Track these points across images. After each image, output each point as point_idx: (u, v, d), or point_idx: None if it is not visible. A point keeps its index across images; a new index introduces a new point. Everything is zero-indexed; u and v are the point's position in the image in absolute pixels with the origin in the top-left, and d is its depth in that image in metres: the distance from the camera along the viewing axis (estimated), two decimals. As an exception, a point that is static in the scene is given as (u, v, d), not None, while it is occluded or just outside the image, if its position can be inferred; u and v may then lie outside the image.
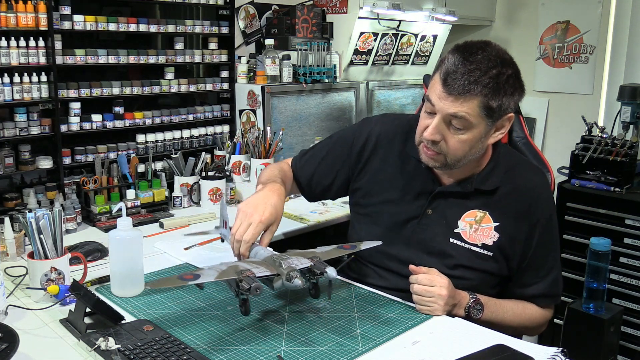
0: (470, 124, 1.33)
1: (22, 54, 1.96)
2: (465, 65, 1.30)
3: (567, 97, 3.34)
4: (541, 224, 1.47)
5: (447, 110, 1.32)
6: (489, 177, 1.48)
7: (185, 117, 2.49)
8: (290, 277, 1.19)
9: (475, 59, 1.31)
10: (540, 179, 1.52)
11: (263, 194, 1.50)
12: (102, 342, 1.17)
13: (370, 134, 1.63)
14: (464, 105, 1.31)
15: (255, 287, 1.19)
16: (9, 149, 1.99)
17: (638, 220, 2.42)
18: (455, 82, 1.30)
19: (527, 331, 1.56)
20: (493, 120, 1.35)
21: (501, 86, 1.31)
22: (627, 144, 2.49)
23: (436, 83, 1.35)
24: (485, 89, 1.30)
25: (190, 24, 2.43)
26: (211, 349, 1.21)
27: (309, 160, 1.72)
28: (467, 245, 1.47)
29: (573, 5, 3.24)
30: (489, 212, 1.47)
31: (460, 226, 1.47)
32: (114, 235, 1.44)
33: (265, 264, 1.29)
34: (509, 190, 1.47)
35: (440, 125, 1.35)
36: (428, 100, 1.37)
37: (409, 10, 2.88)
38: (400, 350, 1.23)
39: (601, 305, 2.12)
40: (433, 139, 1.37)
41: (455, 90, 1.30)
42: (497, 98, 1.31)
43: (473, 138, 1.36)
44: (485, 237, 1.46)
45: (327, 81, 2.73)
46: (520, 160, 1.57)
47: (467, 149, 1.37)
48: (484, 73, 1.30)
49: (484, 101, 1.31)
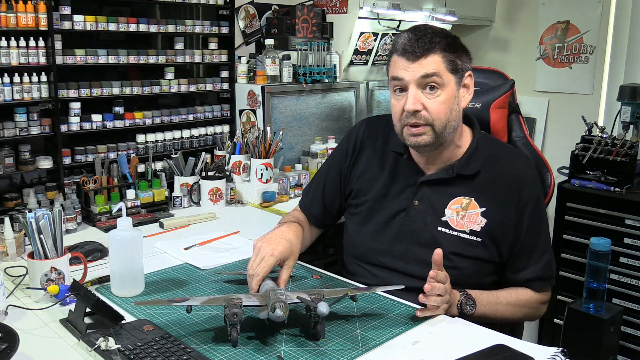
0: (442, 80, 1.42)
1: (22, 54, 1.96)
2: (416, 34, 1.43)
3: (567, 97, 3.34)
4: (529, 207, 1.49)
5: (418, 73, 1.41)
6: (469, 161, 1.52)
7: (185, 117, 2.49)
8: (274, 307, 1.20)
9: (422, 29, 1.44)
10: (524, 164, 1.55)
11: (279, 230, 1.57)
12: (102, 342, 1.17)
13: (356, 139, 1.69)
14: (431, 64, 1.41)
15: (233, 312, 1.19)
16: (9, 149, 1.99)
17: (638, 220, 2.42)
18: (413, 48, 1.41)
19: (526, 318, 1.57)
20: (459, 76, 1.45)
21: (454, 43, 1.44)
22: (627, 144, 2.49)
23: (397, 61, 1.45)
24: (442, 45, 1.41)
25: (190, 24, 2.43)
26: (211, 349, 1.21)
27: (314, 194, 1.76)
28: (456, 232, 1.49)
29: (573, 5, 3.24)
30: (474, 198, 1.50)
31: (448, 214, 1.50)
32: (114, 235, 1.44)
33: (259, 296, 1.30)
34: (493, 175, 1.51)
35: (417, 93, 1.42)
36: (394, 79, 1.46)
37: (409, 10, 2.87)
38: (400, 350, 1.23)
39: (601, 305, 2.12)
40: (415, 109, 1.42)
41: (417, 53, 1.41)
42: (454, 53, 1.43)
43: (448, 97, 1.43)
44: (472, 224, 1.48)
45: (327, 81, 2.73)
46: (502, 145, 1.62)
47: (448, 111, 1.44)
48: (434, 35, 1.42)
49: (445, 55, 1.42)
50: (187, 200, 2.28)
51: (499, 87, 1.84)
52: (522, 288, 1.52)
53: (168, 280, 1.58)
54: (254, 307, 1.28)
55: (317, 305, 1.22)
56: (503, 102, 1.82)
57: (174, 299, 1.32)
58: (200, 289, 1.52)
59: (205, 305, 1.29)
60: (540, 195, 1.54)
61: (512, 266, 1.51)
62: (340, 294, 1.33)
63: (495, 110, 1.81)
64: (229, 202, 2.34)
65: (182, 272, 1.64)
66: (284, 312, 1.20)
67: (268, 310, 1.22)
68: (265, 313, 1.24)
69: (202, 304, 1.27)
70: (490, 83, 1.92)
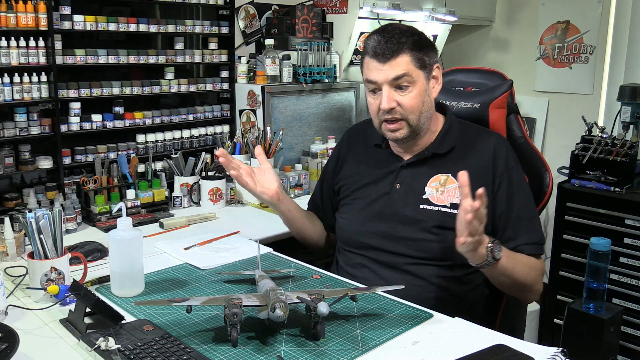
0: (412, 78, 1.52)
1: (22, 54, 1.96)
2: (385, 36, 1.52)
3: (567, 97, 3.34)
4: (506, 176, 1.56)
5: (389, 75, 1.51)
6: (443, 141, 1.63)
7: (185, 117, 2.49)
8: (274, 307, 1.20)
9: (389, 30, 1.54)
10: (496, 138, 1.64)
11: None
12: (102, 342, 1.16)
13: (341, 148, 1.83)
14: (400, 65, 1.51)
15: (233, 312, 1.20)
16: (9, 149, 1.99)
17: (638, 220, 2.42)
18: (383, 50, 1.51)
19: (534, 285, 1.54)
20: (427, 71, 1.55)
21: (420, 41, 1.53)
22: (627, 144, 2.49)
23: (368, 63, 1.55)
24: (409, 44, 1.51)
25: (190, 24, 2.43)
26: (211, 349, 1.21)
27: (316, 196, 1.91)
28: (437, 207, 1.57)
29: (573, 5, 3.24)
30: (451, 174, 1.58)
31: (428, 192, 1.59)
32: (114, 235, 1.44)
33: (259, 296, 1.30)
34: (467, 149, 1.61)
35: (391, 93, 1.53)
36: (369, 82, 1.56)
37: (409, 10, 2.88)
38: (400, 350, 1.23)
39: (601, 305, 2.12)
40: (390, 107, 1.53)
41: (387, 55, 1.50)
42: (422, 50, 1.53)
43: (419, 91, 1.54)
44: (452, 197, 1.56)
45: (327, 81, 2.73)
46: (474, 125, 1.71)
47: (420, 104, 1.55)
48: (401, 35, 1.52)
49: (413, 54, 1.51)
50: (187, 200, 2.28)
51: (498, 87, 1.84)
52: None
53: (168, 280, 1.58)
54: (254, 307, 1.28)
55: (317, 305, 1.22)
56: (501, 102, 1.82)
57: (174, 299, 1.32)
58: (200, 289, 1.52)
59: (205, 305, 1.29)
60: (515, 165, 1.60)
61: (503, 236, 1.54)
62: (340, 294, 1.33)
63: (494, 110, 1.82)
64: (229, 202, 2.34)
65: (182, 272, 1.64)
66: (284, 312, 1.20)
67: (268, 310, 1.22)
68: (265, 313, 1.24)
69: (202, 304, 1.27)
70: (489, 83, 1.92)
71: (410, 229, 1.57)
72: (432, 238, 1.55)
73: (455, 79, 2.01)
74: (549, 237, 2.74)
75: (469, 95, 1.89)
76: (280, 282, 1.54)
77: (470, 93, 1.91)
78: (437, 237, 1.55)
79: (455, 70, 2.07)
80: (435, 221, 1.56)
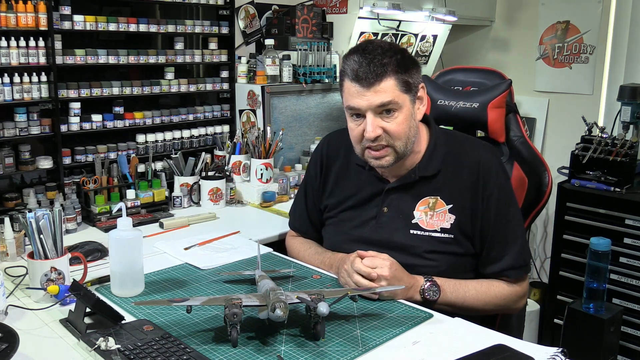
0: (397, 104, 1.43)
1: (22, 54, 1.96)
2: (366, 57, 1.41)
3: (567, 97, 3.34)
4: (495, 196, 1.51)
5: (374, 102, 1.41)
6: (429, 162, 1.55)
7: (185, 117, 2.49)
8: (274, 307, 1.20)
9: (370, 49, 1.42)
10: (484, 152, 1.57)
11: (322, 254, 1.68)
12: (102, 342, 1.17)
13: (321, 160, 1.72)
14: (385, 90, 1.41)
15: (233, 312, 1.20)
16: (9, 149, 1.99)
17: (638, 220, 2.42)
18: (366, 74, 1.40)
19: (500, 309, 1.57)
20: (412, 93, 1.46)
21: (404, 61, 1.43)
22: (627, 144, 2.49)
23: (350, 87, 1.44)
24: (393, 65, 1.40)
25: (190, 24, 2.43)
26: (211, 349, 1.21)
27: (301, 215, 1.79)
28: (427, 232, 1.52)
29: (573, 5, 3.24)
30: (439, 197, 1.53)
31: (417, 216, 1.54)
32: (114, 235, 1.44)
33: (259, 296, 1.30)
34: (454, 169, 1.54)
35: (376, 120, 1.43)
36: (350, 109, 1.46)
37: (409, 10, 2.87)
38: (400, 350, 1.23)
39: (601, 305, 2.12)
40: (376, 135, 1.44)
41: (370, 79, 1.40)
42: (407, 71, 1.43)
43: (406, 116, 1.45)
44: (442, 222, 1.51)
45: (327, 81, 2.73)
46: (460, 139, 1.63)
47: (407, 129, 1.46)
48: (383, 56, 1.41)
49: (398, 77, 1.41)
50: (187, 200, 2.28)
51: (496, 87, 1.85)
52: (496, 280, 1.54)
53: (168, 280, 1.58)
54: (254, 307, 1.28)
55: (317, 305, 1.22)
56: (500, 101, 1.82)
57: (174, 299, 1.32)
58: (200, 289, 1.52)
59: (205, 305, 1.29)
60: (505, 182, 1.55)
61: (487, 258, 1.53)
62: (340, 294, 1.33)
63: (493, 110, 1.82)
64: (229, 202, 2.34)
65: (182, 272, 1.64)
66: (284, 312, 1.20)
67: (268, 310, 1.22)
68: (265, 313, 1.24)
69: (202, 304, 1.27)
70: (488, 83, 1.92)
71: (401, 255, 1.49)
72: (424, 263, 1.50)
73: (454, 79, 2.01)
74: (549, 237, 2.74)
75: (468, 94, 1.89)
76: (280, 282, 1.54)
77: (469, 92, 1.91)
78: (430, 262, 1.51)
79: (453, 69, 2.07)
80: (426, 246, 1.51)
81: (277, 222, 2.13)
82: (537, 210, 1.83)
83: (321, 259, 1.67)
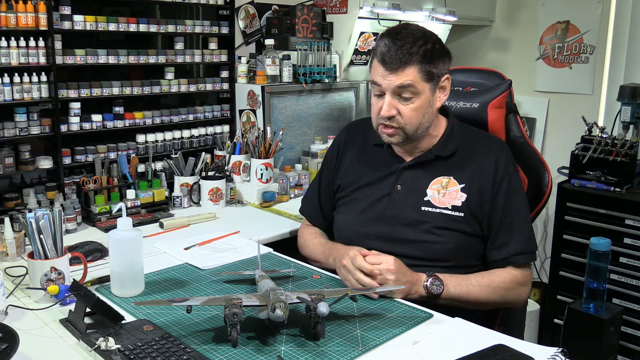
0: (417, 90, 1.50)
1: (22, 54, 1.96)
2: (396, 43, 1.48)
3: (567, 97, 3.34)
4: (506, 183, 1.57)
5: (394, 84, 1.49)
6: (446, 144, 1.62)
7: (185, 117, 2.49)
8: (274, 307, 1.21)
9: (402, 36, 1.49)
10: (497, 144, 1.65)
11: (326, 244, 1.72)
12: (102, 342, 1.17)
13: (339, 143, 1.81)
14: (407, 75, 1.48)
15: (233, 312, 1.20)
16: (9, 149, 1.99)
17: (638, 220, 2.42)
18: (391, 59, 1.48)
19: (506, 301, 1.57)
20: (434, 83, 1.52)
21: (431, 52, 1.49)
22: (627, 144, 2.49)
23: (376, 67, 1.53)
24: (419, 56, 1.47)
25: (190, 24, 2.43)
26: (211, 349, 1.21)
27: (312, 204, 1.86)
28: (438, 209, 1.57)
29: (573, 5, 3.24)
30: (453, 177, 1.59)
31: (429, 194, 1.59)
32: (114, 235, 1.44)
33: (259, 296, 1.30)
34: (469, 154, 1.61)
35: (392, 101, 1.52)
36: (374, 84, 1.55)
37: (409, 10, 2.88)
38: (400, 350, 1.23)
39: (601, 305, 2.12)
40: (389, 115, 1.52)
41: (394, 65, 1.48)
42: (432, 62, 1.49)
43: (422, 104, 1.52)
44: (453, 199, 1.57)
45: (327, 81, 2.73)
46: (476, 130, 1.71)
47: (420, 116, 1.54)
48: (412, 44, 1.47)
49: (421, 67, 1.48)
50: (187, 200, 2.28)
51: (496, 87, 1.85)
52: (498, 269, 1.56)
53: (168, 280, 1.58)
54: (254, 307, 1.28)
55: (317, 305, 1.22)
56: (500, 102, 1.82)
57: (174, 299, 1.32)
58: (200, 289, 1.52)
59: (205, 305, 1.29)
60: (514, 171, 1.61)
61: (495, 242, 1.56)
62: (340, 294, 1.33)
63: (493, 110, 1.82)
64: (229, 202, 2.34)
65: (182, 272, 1.64)
66: (284, 312, 1.20)
67: (268, 310, 1.22)
68: (265, 313, 1.25)
69: (202, 304, 1.27)
70: (488, 83, 1.92)
71: (412, 231, 1.57)
72: (434, 239, 1.55)
73: (454, 79, 2.00)
74: (549, 237, 2.74)
75: (468, 95, 1.89)
76: (280, 282, 1.54)
77: (469, 93, 1.91)
78: (439, 238, 1.55)
79: (454, 70, 2.06)
80: (436, 222, 1.56)
81: (277, 222, 2.13)
82: (537, 210, 1.83)
83: (322, 249, 1.71)
